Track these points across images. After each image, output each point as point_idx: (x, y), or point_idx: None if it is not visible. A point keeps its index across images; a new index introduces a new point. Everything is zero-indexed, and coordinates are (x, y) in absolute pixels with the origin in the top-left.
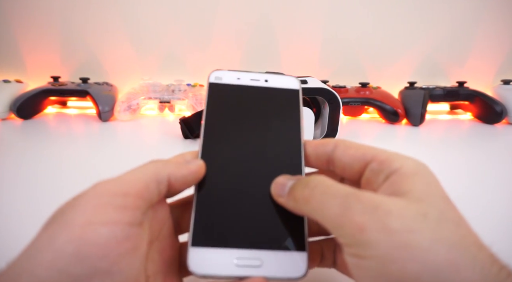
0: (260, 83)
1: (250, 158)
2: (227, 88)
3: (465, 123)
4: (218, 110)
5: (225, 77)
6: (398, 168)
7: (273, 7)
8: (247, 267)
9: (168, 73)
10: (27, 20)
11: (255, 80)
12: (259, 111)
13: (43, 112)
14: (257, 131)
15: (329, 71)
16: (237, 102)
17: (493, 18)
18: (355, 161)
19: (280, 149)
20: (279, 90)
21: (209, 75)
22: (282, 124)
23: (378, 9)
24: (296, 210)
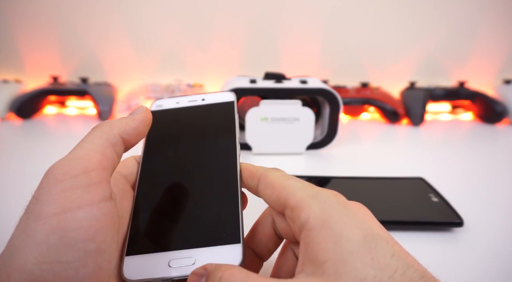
0: (197, 103)
1: (184, 170)
2: (167, 113)
3: (466, 123)
4: (157, 134)
5: (165, 104)
6: (305, 221)
7: (273, 7)
8: (181, 267)
9: (168, 73)
10: (27, 20)
11: (192, 101)
12: (196, 128)
13: (43, 112)
14: (193, 147)
15: (329, 71)
16: (175, 124)
17: (494, 18)
18: (273, 203)
19: (215, 159)
20: (215, 105)
21: (151, 105)
22: (218, 136)
23: (379, 9)
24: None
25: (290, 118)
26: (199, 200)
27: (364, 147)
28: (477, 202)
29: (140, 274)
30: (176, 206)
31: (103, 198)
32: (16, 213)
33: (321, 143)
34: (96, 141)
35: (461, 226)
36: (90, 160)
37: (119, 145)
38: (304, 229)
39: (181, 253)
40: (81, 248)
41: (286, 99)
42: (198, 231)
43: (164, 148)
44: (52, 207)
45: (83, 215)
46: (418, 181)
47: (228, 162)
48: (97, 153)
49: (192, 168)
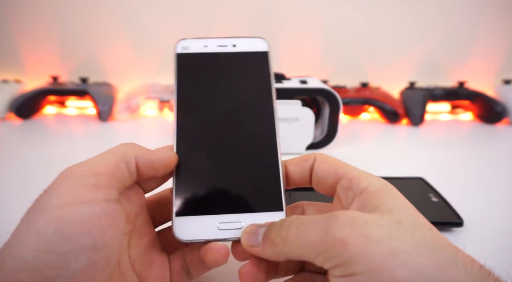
0: (228, 49)
1: (223, 129)
2: (195, 58)
3: (465, 123)
4: (188, 84)
5: (192, 46)
6: (366, 187)
7: (273, 7)
8: (230, 230)
9: (168, 73)
10: (26, 20)
11: (222, 46)
12: (230, 81)
13: (42, 112)
14: (230, 104)
15: (329, 71)
16: (206, 73)
17: (494, 18)
18: (328, 175)
19: (253, 120)
20: (248, 55)
21: (176, 45)
22: (254, 94)
23: (379, 9)
24: (274, 255)
25: (290, 118)
26: (242, 165)
27: (364, 147)
28: (477, 202)
29: (190, 235)
30: (220, 169)
31: (107, 199)
32: (16, 212)
33: (321, 143)
34: (114, 153)
35: (461, 226)
36: (103, 166)
37: (132, 167)
38: (363, 193)
39: (229, 217)
40: (76, 241)
41: (286, 99)
42: (244, 196)
43: (198, 102)
44: (56, 200)
45: (83, 209)
46: (418, 181)
47: (267, 126)
48: (112, 163)
49: (231, 128)
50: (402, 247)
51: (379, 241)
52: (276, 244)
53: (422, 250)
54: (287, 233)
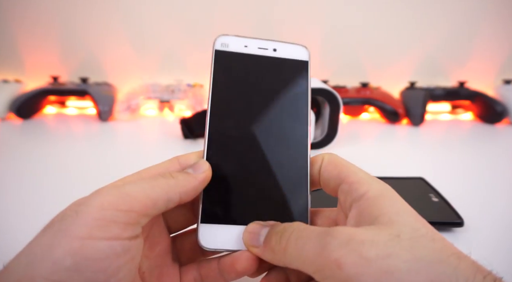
0: (268, 53)
1: (255, 137)
2: (234, 58)
3: (466, 123)
4: (224, 83)
5: (232, 44)
6: (364, 193)
7: (273, 7)
8: None
9: (168, 73)
10: (27, 20)
11: (262, 48)
12: (268, 86)
13: (43, 112)
14: (265, 112)
15: (329, 71)
16: (244, 75)
17: (494, 18)
18: (331, 178)
19: (288, 129)
20: (288, 62)
21: (215, 41)
22: (291, 104)
23: (379, 9)
24: (274, 261)
25: None
26: (272, 175)
27: (364, 147)
28: (477, 202)
29: (215, 243)
30: (250, 179)
31: (131, 236)
32: (16, 212)
33: (321, 142)
34: (156, 189)
35: (461, 226)
36: (139, 203)
37: (173, 203)
38: (362, 198)
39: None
40: (90, 277)
41: None
42: (272, 208)
43: (232, 107)
44: (82, 230)
45: (104, 246)
46: (418, 181)
47: (299, 137)
48: (150, 200)
49: (263, 136)
50: (399, 265)
51: (374, 260)
52: (276, 252)
53: (419, 266)
54: (286, 243)
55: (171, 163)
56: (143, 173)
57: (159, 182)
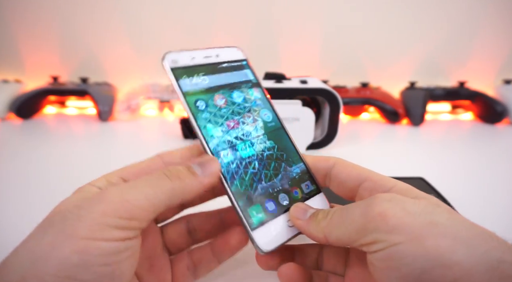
0: (213, 60)
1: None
2: (189, 71)
3: (466, 123)
4: (193, 93)
5: (181, 59)
6: (392, 186)
7: (273, 7)
8: None
9: None
10: (27, 20)
11: (207, 57)
12: (229, 86)
13: (43, 112)
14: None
15: (329, 71)
16: (206, 82)
17: (494, 18)
18: (351, 179)
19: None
20: (231, 63)
21: (164, 60)
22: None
23: (379, 9)
24: (315, 233)
25: (290, 118)
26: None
27: (364, 147)
28: (477, 202)
29: (272, 242)
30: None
31: (131, 237)
32: (16, 212)
33: (321, 142)
34: (159, 195)
35: None
36: (142, 210)
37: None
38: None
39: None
40: (96, 271)
41: (286, 99)
42: (291, 190)
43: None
44: (85, 232)
45: (107, 246)
46: (419, 181)
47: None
48: (152, 207)
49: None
50: (441, 220)
51: (418, 214)
52: (320, 223)
53: (461, 225)
54: (333, 216)
55: (153, 162)
56: (126, 171)
57: (163, 186)
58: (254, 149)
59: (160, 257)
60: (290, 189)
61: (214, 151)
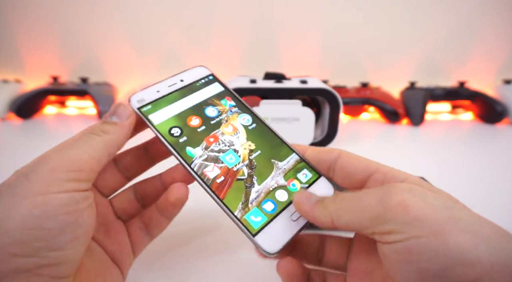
0: (178, 85)
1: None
2: (158, 105)
3: (466, 123)
4: (168, 126)
5: (146, 96)
6: (404, 179)
7: (273, 7)
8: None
9: (168, 73)
10: (27, 20)
11: (172, 85)
12: (203, 107)
13: (43, 112)
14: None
15: (329, 71)
16: (179, 112)
17: (494, 18)
18: (358, 171)
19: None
20: (198, 82)
21: (131, 102)
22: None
23: (379, 9)
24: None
25: (290, 118)
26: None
27: (364, 147)
28: (477, 202)
29: (277, 242)
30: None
31: (85, 188)
32: None
33: (321, 142)
34: (97, 149)
35: None
36: (86, 163)
37: (113, 155)
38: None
39: (291, 206)
40: (61, 219)
41: (286, 99)
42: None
43: (189, 137)
44: (40, 188)
45: (64, 196)
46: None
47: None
48: (94, 159)
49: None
50: (463, 216)
51: (440, 207)
52: (328, 207)
53: (481, 222)
54: (342, 200)
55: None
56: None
57: (96, 141)
58: (240, 155)
59: (114, 223)
60: (286, 183)
61: (198, 171)
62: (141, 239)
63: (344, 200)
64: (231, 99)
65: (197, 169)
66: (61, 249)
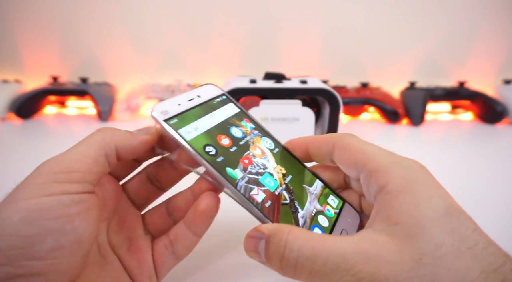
0: (197, 101)
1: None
2: (181, 118)
3: (466, 123)
4: (201, 142)
5: (169, 109)
6: (384, 185)
7: (273, 7)
8: None
9: (168, 73)
10: (27, 20)
11: (191, 100)
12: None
13: (43, 112)
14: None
15: (329, 71)
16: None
17: (494, 18)
18: (349, 167)
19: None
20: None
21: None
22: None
23: (379, 9)
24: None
25: (290, 118)
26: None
27: None
28: (477, 202)
29: None
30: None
31: (78, 191)
32: None
33: None
34: (92, 147)
35: None
36: (79, 163)
37: (113, 157)
38: (382, 192)
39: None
40: (41, 225)
41: (286, 99)
42: (324, 210)
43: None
44: (24, 193)
45: (49, 200)
46: None
47: (279, 148)
48: (89, 158)
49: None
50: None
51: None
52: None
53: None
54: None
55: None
56: None
57: (95, 137)
58: (276, 179)
59: (140, 238)
60: (322, 208)
61: (246, 194)
62: (165, 259)
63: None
64: (249, 122)
65: (243, 192)
66: (41, 258)
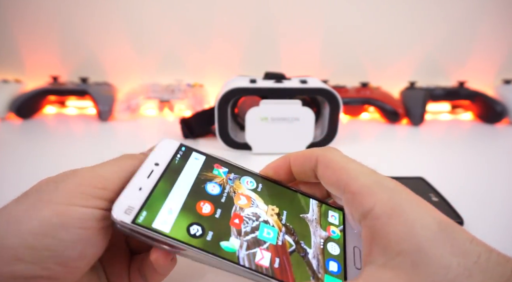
0: (158, 172)
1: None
2: (155, 207)
3: (466, 123)
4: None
5: (132, 201)
6: (370, 208)
7: (273, 6)
8: None
9: (168, 73)
10: (27, 20)
11: (150, 174)
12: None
13: (43, 112)
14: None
15: (329, 71)
16: (184, 206)
17: (494, 18)
18: (332, 185)
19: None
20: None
21: (115, 213)
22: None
23: (379, 9)
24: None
25: (290, 118)
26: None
27: (364, 146)
28: (477, 202)
29: None
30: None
31: (106, 208)
32: None
33: (321, 142)
34: (124, 169)
35: (461, 225)
36: (112, 183)
37: None
38: (369, 217)
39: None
40: (76, 232)
41: (286, 99)
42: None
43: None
44: (64, 198)
45: (86, 211)
46: (418, 180)
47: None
48: (120, 180)
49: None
50: None
51: None
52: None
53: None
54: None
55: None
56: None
57: (125, 163)
58: (273, 225)
59: (121, 251)
60: (327, 234)
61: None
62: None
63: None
64: (221, 166)
65: (248, 264)
66: (66, 265)
